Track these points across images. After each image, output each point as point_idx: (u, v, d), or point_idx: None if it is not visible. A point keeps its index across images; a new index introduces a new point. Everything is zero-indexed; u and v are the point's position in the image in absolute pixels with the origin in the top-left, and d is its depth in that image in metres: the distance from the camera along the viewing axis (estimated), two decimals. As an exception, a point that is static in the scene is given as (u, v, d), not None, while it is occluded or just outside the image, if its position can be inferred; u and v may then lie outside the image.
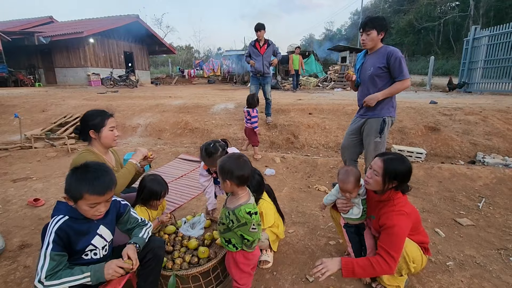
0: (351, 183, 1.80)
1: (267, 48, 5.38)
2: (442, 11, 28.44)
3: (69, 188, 1.29)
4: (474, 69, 10.28)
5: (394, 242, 1.58)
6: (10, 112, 7.48)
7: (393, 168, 1.65)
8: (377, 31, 2.53)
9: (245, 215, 1.50)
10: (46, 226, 1.34)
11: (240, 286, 1.68)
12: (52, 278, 1.23)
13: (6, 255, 2.23)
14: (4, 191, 3.43)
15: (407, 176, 1.68)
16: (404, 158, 1.72)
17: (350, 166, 1.99)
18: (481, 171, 3.66)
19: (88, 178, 1.28)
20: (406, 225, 1.63)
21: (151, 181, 2.04)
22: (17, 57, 16.51)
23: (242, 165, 1.53)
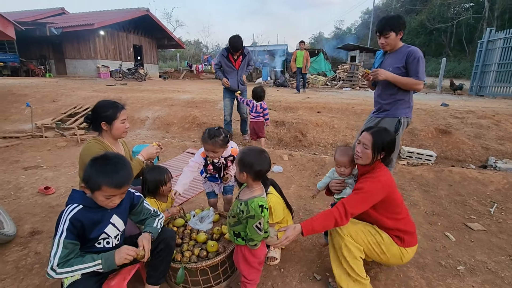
0: (348, 156, 1.91)
1: (243, 59, 4.57)
2: (455, 12, 27.87)
3: (88, 178, 1.30)
4: (487, 72, 10.07)
5: (355, 199, 1.65)
6: (21, 101, 7.59)
7: (381, 139, 1.71)
8: (395, 32, 2.45)
9: (256, 208, 1.50)
10: (61, 214, 1.35)
11: (248, 281, 1.68)
12: (64, 266, 1.25)
13: (17, 241, 2.27)
14: (15, 178, 3.49)
15: (392, 146, 1.75)
16: (388, 130, 1.81)
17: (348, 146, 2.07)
18: (493, 175, 3.59)
19: (107, 171, 1.30)
20: (375, 191, 1.65)
21: (151, 171, 2.04)
22: (28, 48, 16.72)
23: (263, 161, 1.55)
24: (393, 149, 1.77)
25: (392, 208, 1.72)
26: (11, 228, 2.31)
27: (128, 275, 1.59)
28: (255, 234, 1.55)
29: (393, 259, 1.75)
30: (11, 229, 2.29)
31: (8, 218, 2.42)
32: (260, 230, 1.54)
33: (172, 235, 1.67)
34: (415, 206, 3.06)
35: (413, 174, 3.77)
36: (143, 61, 19.88)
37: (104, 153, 1.39)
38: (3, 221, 2.34)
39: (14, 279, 1.87)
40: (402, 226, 1.74)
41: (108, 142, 1.93)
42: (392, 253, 1.72)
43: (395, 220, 1.73)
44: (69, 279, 1.28)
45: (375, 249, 1.72)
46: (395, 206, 1.73)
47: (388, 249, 1.72)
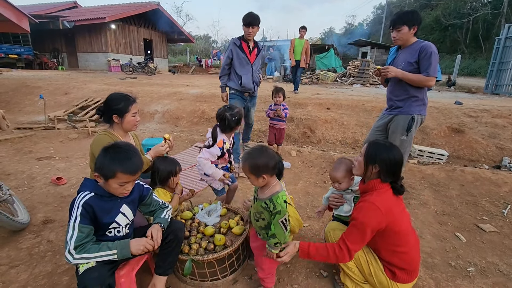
0: (340, 172, 1.79)
1: (258, 53, 3.65)
2: (472, 8, 26.96)
3: (101, 167, 1.34)
4: (504, 70, 9.75)
5: (353, 233, 1.50)
6: (35, 93, 7.75)
7: (374, 151, 1.56)
8: (409, 26, 2.40)
9: (282, 203, 1.50)
10: (73, 201, 1.39)
11: (266, 276, 1.72)
12: (81, 251, 1.29)
13: (30, 229, 2.33)
14: (29, 168, 3.58)
15: (390, 164, 1.52)
16: (393, 148, 1.57)
17: (346, 158, 1.90)
18: (507, 176, 3.49)
19: (121, 158, 1.35)
20: (371, 219, 1.46)
21: (162, 161, 2.06)
22: (42, 41, 17.03)
23: (272, 155, 1.55)
24: (392, 169, 1.53)
25: (392, 240, 1.52)
26: (25, 217, 2.37)
27: (136, 266, 1.62)
28: (279, 230, 1.52)
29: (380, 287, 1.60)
30: (25, 217, 2.35)
31: (22, 206, 2.48)
32: (285, 227, 1.52)
33: (180, 226, 1.70)
34: (425, 205, 3.01)
35: (423, 173, 3.70)
36: (153, 55, 20.01)
37: (114, 142, 1.44)
38: (17, 209, 2.41)
39: (27, 266, 1.93)
40: (397, 261, 1.54)
41: (119, 135, 1.95)
42: (379, 280, 1.57)
43: (391, 253, 1.54)
44: (84, 265, 1.31)
45: (363, 267, 1.61)
46: (396, 238, 1.52)
47: (376, 274, 1.58)
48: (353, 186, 1.87)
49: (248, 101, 3.85)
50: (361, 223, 1.47)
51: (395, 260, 1.54)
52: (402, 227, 1.52)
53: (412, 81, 2.44)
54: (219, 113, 2.22)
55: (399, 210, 1.55)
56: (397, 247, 1.53)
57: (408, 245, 1.55)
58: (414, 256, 1.58)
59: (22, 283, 1.79)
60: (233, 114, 2.18)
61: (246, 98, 3.78)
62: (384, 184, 1.54)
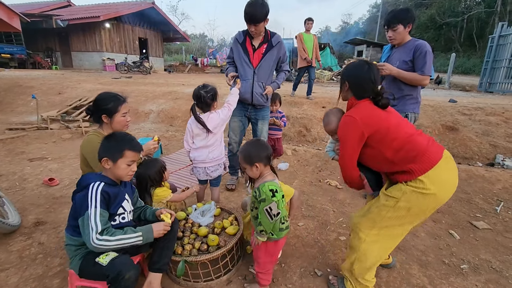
0: (333, 122, 1.70)
1: (268, 51, 2.73)
2: (466, 6, 27.13)
3: (109, 150, 1.44)
4: (498, 68, 9.82)
5: (341, 149, 1.57)
6: (28, 93, 7.65)
7: (345, 68, 1.65)
8: (404, 25, 2.40)
9: (267, 191, 1.51)
10: (76, 191, 1.44)
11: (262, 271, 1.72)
12: (108, 234, 1.34)
13: (21, 231, 2.30)
14: (21, 169, 3.53)
15: (356, 78, 1.55)
16: (360, 64, 1.57)
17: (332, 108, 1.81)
18: (501, 174, 3.52)
19: (126, 139, 1.49)
20: (349, 131, 1.49)
21: (146, 166, 2.05)
22: (35, 40, 16.82)
23: (266, 145, 1.63)
24: (359, 83, 1.53)
25: (387, 139, 1.46)
26: (16, 219, 2.33)
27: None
28: (264, 218, 1.52)
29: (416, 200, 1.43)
30: (15, 220, 2.32)
31: (13, 208, 2.45)
32: (270, 215, 1.51)
33: (175, 220, 1.73)
34: (420, 203, 3.02)
35: (418, 171, 3.72)
36: (148, 54, 19.88)
37: (112, 133, 1.54)
38: (8, 211, 2.37)
39: (17, 269, 1.90)
40: (404, 154, 1.44)
41: None
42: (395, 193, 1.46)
43: (394, 151, 1.46)
44: (106, 257, 1.35)
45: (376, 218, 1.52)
46: (390, 134, 1.46)
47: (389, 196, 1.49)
48: None
49: (252, 112, 2.99)
50: (342, 136, 1.55)
51: (401, 156, 1.44)
52: (390, 123, 1.47)
53: (407, 80, 2.45)
54: (194, 93, 2.29)
55: (385, 115, 1.50)
56: (396, 141, 1.45)
57: (401, 132, 1.46)
58: (416, 139, 1.46)
59: (12, 286, 1.76)
60: (207, 91, 2.25)
61: (247, 108, 2.97)
62: (360, 100, 1.57)
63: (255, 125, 3.07)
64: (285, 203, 1.64)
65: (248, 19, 2.51)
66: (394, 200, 1.47)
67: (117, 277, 1.29)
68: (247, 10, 2.48)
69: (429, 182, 1.40)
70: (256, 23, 2.51)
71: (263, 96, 2.85)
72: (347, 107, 1.65)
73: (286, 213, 1.64)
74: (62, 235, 2.25)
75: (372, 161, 1.58)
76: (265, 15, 2.50)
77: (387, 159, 1.48)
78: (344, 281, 1.74)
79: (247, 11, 2.48)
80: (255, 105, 2.92)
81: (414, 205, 1.44)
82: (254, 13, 2.46)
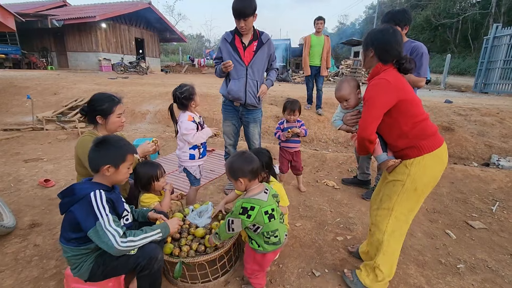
0: (345, 88, 1.70)
1: (258, 48, 2.68)
2: (461, 8, 27.40)
3: (111, 157, 1.42)
4: (493, 69, 9.95)
5: (365, 112, 1.52)
6: (23, 93, 7.58)
7: (366, 37, 1.60)
8: (401, 27, 2.41)
9: (238, 208, 1.53)
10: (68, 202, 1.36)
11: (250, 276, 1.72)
12: (130, 235, 1.38)
13: (17, 233, 2.27)
14: (16, 170, 3.49)
15: (382, 42, 1.52)
16: (386, 28, 1.56)
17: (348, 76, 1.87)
18: (496, 174, 3.55)
19: (124, 143, 1.48)
20: (380, 92, 1.46)
21: (143, 166, 2.01)
22: (30, 40, 16.68)
23: (250, 159, 1.58)
24: (386, 47, 1.52)
25: (410, 112, 1.51)
26: (11, 220, 2.31)
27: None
28: (223, 226, 1.59)
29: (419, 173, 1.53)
30: (10, 221, 2.29)
31: (8, 210, 2.42)
32: (228, 226, 1.57)
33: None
34: (416, 203, 3.04)
35: (414, 171, 3.74)
36: (145, 55, 19.80)
37: (102, 137, 1.47)
38: (3, 213, 2.34)
39: (12, 271, 1.88)
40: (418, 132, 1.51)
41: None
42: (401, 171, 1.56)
43: (412, 125, 1.51)
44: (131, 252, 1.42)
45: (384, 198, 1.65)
46: (414, 108, 1.52)
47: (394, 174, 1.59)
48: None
49: (244, 113, 2.86)
50: (371, 97, 1.49)
51: (416, 132, 1.52)
52: (415, 97, 1.55)
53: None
54: (172, 93, 2.33)
55: (412, 89, 1.56)
56: (416, 117, 1.52)
57: (424, 112, 1.56)
58: (430, 122, 1.58)
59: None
60: (182, 92, 2.27)
61: (239, 109, 2.86)
62: (387, 65, 1.54)
63: (247, 128, 2.96)
64: (277, 218, 1.59)
65: (237, 14, 2.46)
66: (401, 183, 1.58)
67: (150, 260, 1.42)
68: (235, 5, 2.44)
69: (431, 159, 1.53)
70: (245, 17, 2.46)
71: (257, 96, 2.78)
72: (371, 75, 1.60)
73: (275, 228, 1.58)
74: (58, 236, 2.22)
75: (385, 131, 1.60)
76: (254, 10, 2.47)
77: (403, 131, 1.53)
78: (357, 273, 1.81)
79: (235, 6, 2.44)
80: (247, 106, 2.82)
81: (418, 183, 1.55)
82: (242, 7, 2.43)
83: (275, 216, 1.58)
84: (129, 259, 1.41)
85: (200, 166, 2.48)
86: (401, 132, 1.54)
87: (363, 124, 1.52)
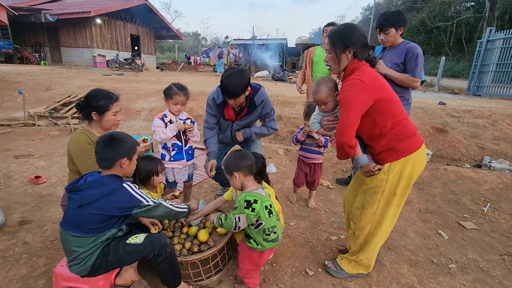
0: (322, 90, 1.62)
1: (249, 113, 2.40)
2: (456, 11, 27.73)
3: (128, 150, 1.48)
4: (486, 72, 10.07)
5: (343, 114, 1.46)
6: (14, 88, 7.43)
7: (339, 36, 1.48)
8: (396, 28, 2.42)
9: (241, 202, 1.52)
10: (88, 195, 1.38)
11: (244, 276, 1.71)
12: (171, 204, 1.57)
13: (5, 230, 2.23)
14: (6, 166, 3.42)
15: (361, 38, 1.48)
16: (351, 24, 1.53)
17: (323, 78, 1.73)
18: (488, 175, 3.60)
19: (131, 137, 1.55)
20: (356, 93, 1.41)
21: (144, 160, 1.99)
22: (23, 34, 16.37)
23: (244, 155, 1.62)
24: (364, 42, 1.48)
25: (389, 110, 1.49)
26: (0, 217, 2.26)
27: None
28: (229, 223, 1.55)
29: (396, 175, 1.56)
30: (-1, 218, 2.24)
31: (-3, 206, 2.37)
32: (235, 224, 1.54)
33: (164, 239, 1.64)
34: (409, 203, 3.06)
35: (408, 172, 3.77)
36: (140, 52, 19.62)
37: (108, 135, 1.49)
38: (-9, 209, 2.29)
39: (1, 269, 1.83)
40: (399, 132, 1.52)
41: (97, 133, 1.86)
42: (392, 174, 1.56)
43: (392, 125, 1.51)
44: (136, 238, 1.50)
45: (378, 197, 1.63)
46: (393, 106, 1.51)
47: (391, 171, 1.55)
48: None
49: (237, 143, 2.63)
50: (347, 99, 1.43)
51: (396, 131, 1.51)
52: (394, 95, 1.52)
53: (399, 81, 2.47)
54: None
55: (390, 87, 1.53)
56: (396, 116, 1.51)
57: (404, 111, 1.56)
58: (410, 122, 1.59)
59: (-6, 287, 1.70)
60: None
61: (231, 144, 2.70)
62: (361, 62, 1.49)
63: (248, 147, 2.60)
64: (274, 214, 1.61)
65: (226, 93, 2.14)
66: (380, 189, 1.61)
67: (162, 246, 1.49)
68: (224, 82, 2.11)
69: (408, 163, 1.55)
70: (235, 98, 2.12)
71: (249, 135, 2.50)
72: (345, 75, 1.54)
73: (273, 224, 1.59)
74: (48, 234, 2.19)
75: (365, 132, 1.57)
76: (245, 88, 2.12)
77: (382, 132, 1.52)
78: (339, 262, 1.90)
79: (224, 84, 2.11)
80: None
81: (397, 188, 1.60)
82: (231, 87, 2.08)
83: (273, 212, 1.60)
84: (137, 248, 1.46)
85: (174, 170, 2.36)
86: (380, 132, 1.52)
87: (341, 130, 1.48)
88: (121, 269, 1.64)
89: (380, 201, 1.64)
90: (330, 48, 1.54)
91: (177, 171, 2.40)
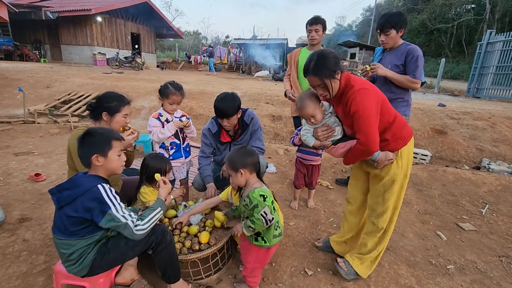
0: (309, 106, 1.64)
1: (243, 133, 2.45)
2: (456, 13, 27.77)
3: (99, 146, 1.40)
4: (485, 74, 10.10)
5: (361, 126, 1.50)
6: (14, 85, 7.43)
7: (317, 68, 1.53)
8: (396, 29, 2.43)
9: (258, 197, 1.51)
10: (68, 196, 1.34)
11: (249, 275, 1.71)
12: (142, 220, 1.43)
13: (5, 227, 2.23)
14: (5, 164, 3.42)
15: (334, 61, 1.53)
16: (328, 51, 1.58)
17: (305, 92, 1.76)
18: (486, 177, 3.61)
19: (107, 130, 1.49)
20: (370, 102, 1.48)
21: (153, 158, 2.00)
22: (23, 32, 16.35)
23: (250, 152, 1.61)
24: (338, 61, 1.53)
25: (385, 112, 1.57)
26: (-1, 214, 2.26)
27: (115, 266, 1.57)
28: (260, 223, 1.52)
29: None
30: (-1, 215, 2.24)
31: (-4, 204, 2.37)
32: (265, 220, 1.51)
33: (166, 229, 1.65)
34: (408, 204, 3.07)
35: (407, 173, 3.78)
36: (140, 50, 19.62)
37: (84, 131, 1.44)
38: (-9, 206, 2.29)
39: (0, 266, 1.84)
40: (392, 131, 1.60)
41: None
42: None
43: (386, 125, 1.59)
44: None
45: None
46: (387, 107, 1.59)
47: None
48: (327, 110, 1.74)
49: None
50: (364, 109, 1.46)
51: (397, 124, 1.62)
52: (384, 97, 1.61)
53: (399, 82, 2.48)
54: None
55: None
56: (392, 110, 1.63)
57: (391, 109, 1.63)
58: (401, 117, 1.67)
59: (-6, 284, 1.70)
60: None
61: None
62: (344, 72, 1.57)
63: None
64: (277, 210, 1.63)
65: (220, 115, 2.27)
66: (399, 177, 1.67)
67: (164, 233, 1.51)
68: (217, 105, 2.24)
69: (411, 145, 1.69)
70: (228, 118, 2.26)
71: None
72: (341, 91, 1.58)
73: (277, 219, 1.63)
74: (48, 232, 2.20)
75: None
76: (237, 109, 2.27)
77: (386, 126, 1.60)
78: (351, 262, 1.86)
79: (218, 107, 2.24)
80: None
81: (407, 169, 1.69)
82: (225, 108, 2.22)
83: (275, 207, 1.62)
84: (139, 241, 1.44)
85: (173, 168, 2.37)
86: (385, 128, 1.61)
87: (367, 139, 1.50)
88: (121, 268, 1.64)
89: (401, 188, 1.72)
90: (318, 82, 1.55)
91: (177, 169, 2.43)
